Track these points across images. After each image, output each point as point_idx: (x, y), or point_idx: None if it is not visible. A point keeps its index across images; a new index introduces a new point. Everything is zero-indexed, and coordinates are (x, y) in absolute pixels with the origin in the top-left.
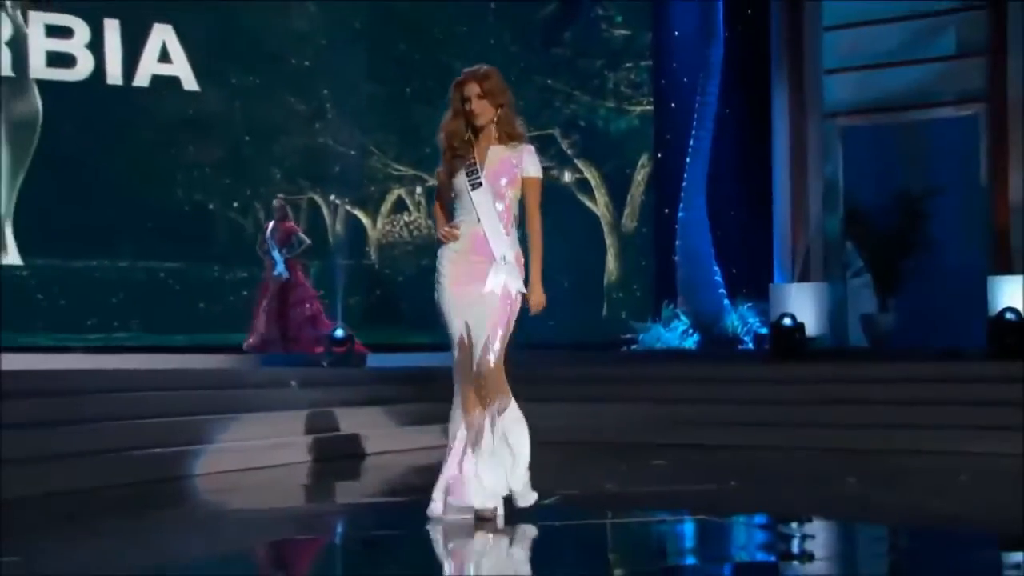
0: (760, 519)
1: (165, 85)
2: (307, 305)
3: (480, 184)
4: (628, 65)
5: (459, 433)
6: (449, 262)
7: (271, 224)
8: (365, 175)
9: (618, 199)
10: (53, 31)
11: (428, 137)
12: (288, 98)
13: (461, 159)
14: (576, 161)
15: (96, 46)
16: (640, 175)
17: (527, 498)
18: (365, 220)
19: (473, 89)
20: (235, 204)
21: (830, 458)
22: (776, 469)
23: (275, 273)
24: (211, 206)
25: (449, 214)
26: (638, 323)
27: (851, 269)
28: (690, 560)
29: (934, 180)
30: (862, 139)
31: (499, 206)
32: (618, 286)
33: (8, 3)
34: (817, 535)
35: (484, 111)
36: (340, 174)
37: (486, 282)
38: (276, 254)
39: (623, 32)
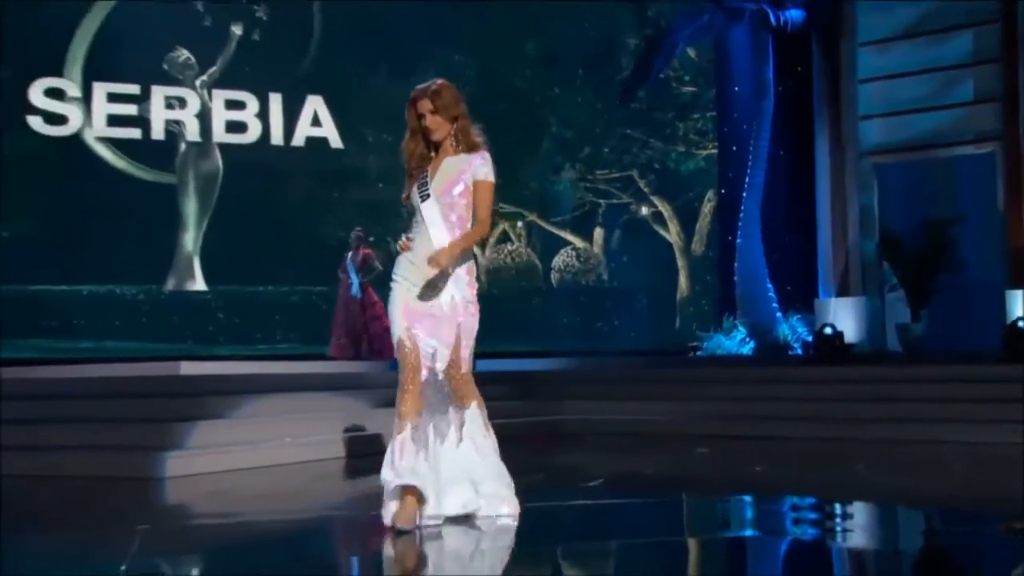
0: (772, 498)
1: (316, 145)
2: (382, 319)
3: (428, 196)
4: (695, 116)
5: (396, 440)
6: (403, 270)
7: (351, 251)
8: None
9: (688, 228)
10: (230, 104)
11: (526, 180)
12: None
13: (419, 173)
14: (652, 198)
15: (263, 115)
16: (707, 208)
17: (498, 508)
18: (476, 249)
19: (425, 106)
20: (371, 239)
21: (861, 448)
22: (809, 456)
23: (351, 293)
24: (350, 240)
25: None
26: (703, 332)
27: (887, 285)
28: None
29: (957, 209)
30: (894, 174)
31: (452, 216)
32: (688, 301)
33: (197, 83)
34: (838, 512)
35: (439, 126)
36: None
37: (437, 295)
38: (354, 276)
39: (690, 89)
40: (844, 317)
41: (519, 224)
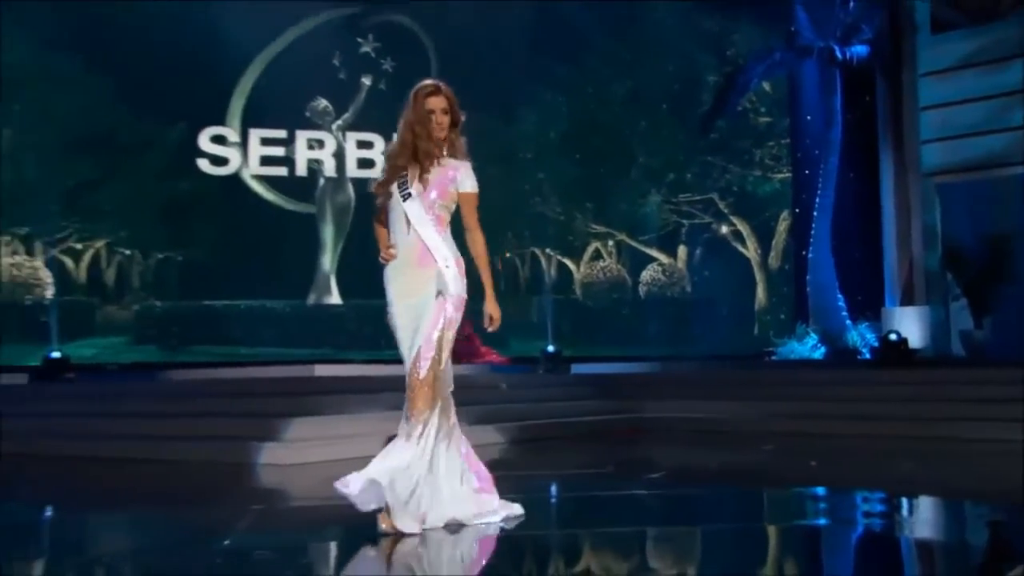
0: (813, 489)
1: None
2: (464, 327)
3: (409, 195)
4: (770, 144)
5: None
6: (392, 280)
7: None
8: (571, 233)
9: (764, 245)
10: (361, 144)
11: (617, 204)
12: (516, 180)
13: (402, 172)
14: (731, 217)
15: None
16: (782, 226)
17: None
18: (571, 266)
19: (441, 103)
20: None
21: (918, 445)
22: (866, 453)
23: None
24: (463, 259)
25: (389, 230)
26: (778, 339)
27: (951, 295)
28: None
29: (1016, 224)
30: (955, 193)
31: (430, 216)
32: (765, 311)
33: (334, 127)
34: (877, 504)
35: (445, 127)
36: (553, 233)
37: (431, 289)
38: None
39: (766, 119)
40: (909, 324)
41: (610, 243)
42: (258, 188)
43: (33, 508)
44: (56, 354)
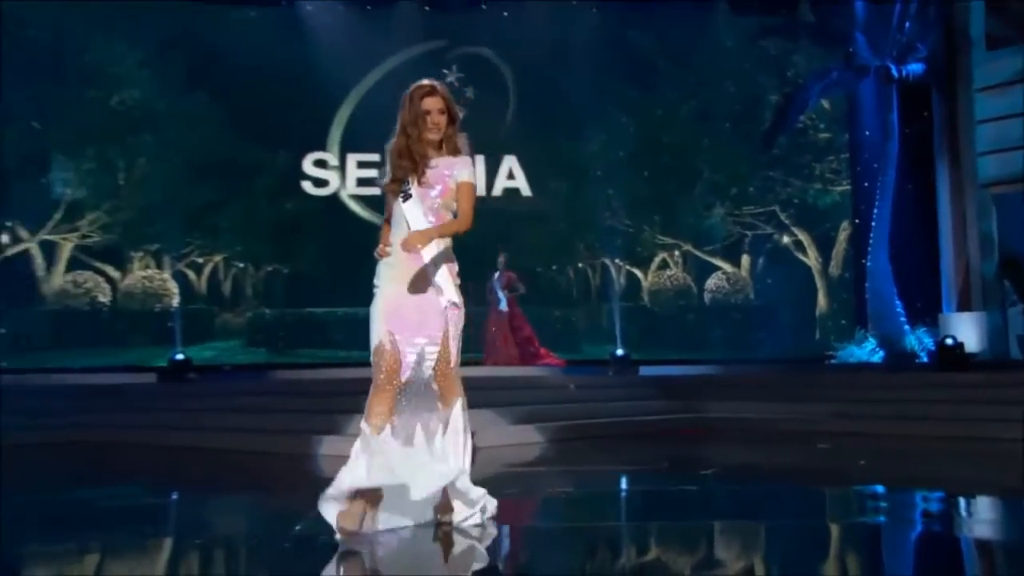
0: (855, 487)
1: (511, 194)
2: (524, 330)
3: (409, 196)
4: (830, 158)
5: (377, 439)
6: (385, 277)
7: (497, 273)
8: (639, 244)
9: (825, 254)
10: None
11: (683, 217)
12: (587, 195)
13: (404, 172)
14: (793, 228)
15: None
16: (842, 236)
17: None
18: (639, 275)
19: (438, 104)
20: (553, 267)
21: (971, 445)
22: (916, 453)
23: (499, 308)
24: (538, 268)
25: (391, 229)
26: (838, 343)
27: (1008, 301)
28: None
29: None
30: (1011, 203)
31: (431, 218)
32: (826, 317)
33: None
34: (914, 502)
35: (442, 127)
36: (622, 244)
37: (421, 293)
38: (500, 294)
39: (825, 135)
40: (966, 329)
41: (676, 253)
42: (354, 207)
43: (152, 492)
44: (180, 356)
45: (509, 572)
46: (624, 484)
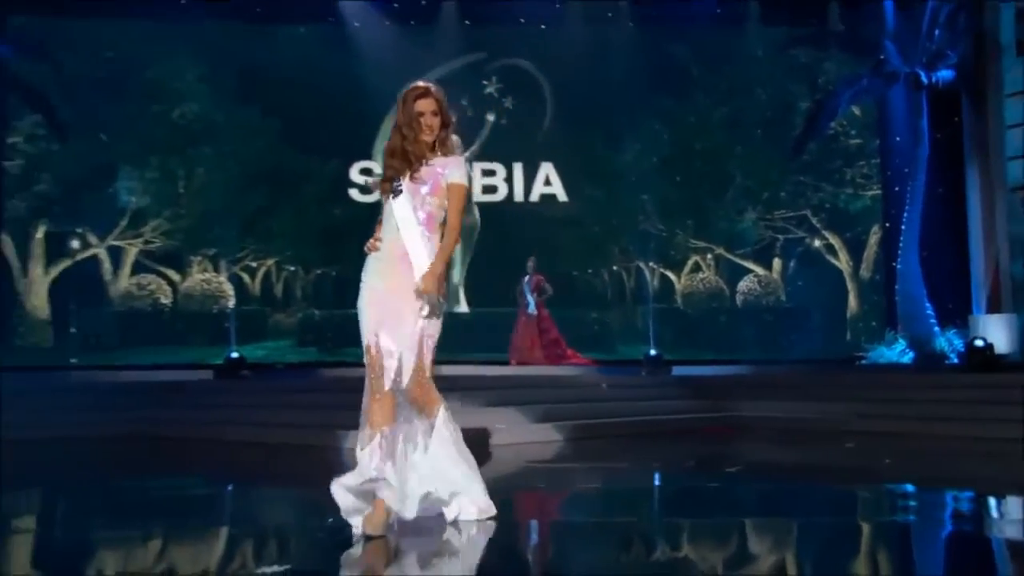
0: (874, 485)
1: (547, 200)
2: (551, 332)
3: (399, 192)
4: (861, 163)
5: (367, 448)
6: (371, 271)
7: (527, 276)
8: (672, 248)
9: (856, 257)
10: (485, 172)
11: (715, 221)
12: (622, 200)
13: (397, 172)
14: (824, 232)
15: (509, 179)
16: (873, 239)
17: (468, 510)
18: (673, 277)
19: (431, 105)
20: (589, 270)
21: (1000, 446)
22: (941, 452)
23: (528, 311)
24: (574, 272)
25: (383, 226)
26: (868, 344)
27: None
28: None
29: None
30: None
31: (420, 215)
32: (857, 318)
33: (463, 156)
34: (934, 500)
35: (435, 128)
36: (656, 247)
37: (404, 292)
38: (529, 297)
39: (856, 141)
40: (995, 331)
41: (709, 256)
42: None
43: (208, 483)
44: (235, 354)
45: (535, 565)
46: (648, 481)
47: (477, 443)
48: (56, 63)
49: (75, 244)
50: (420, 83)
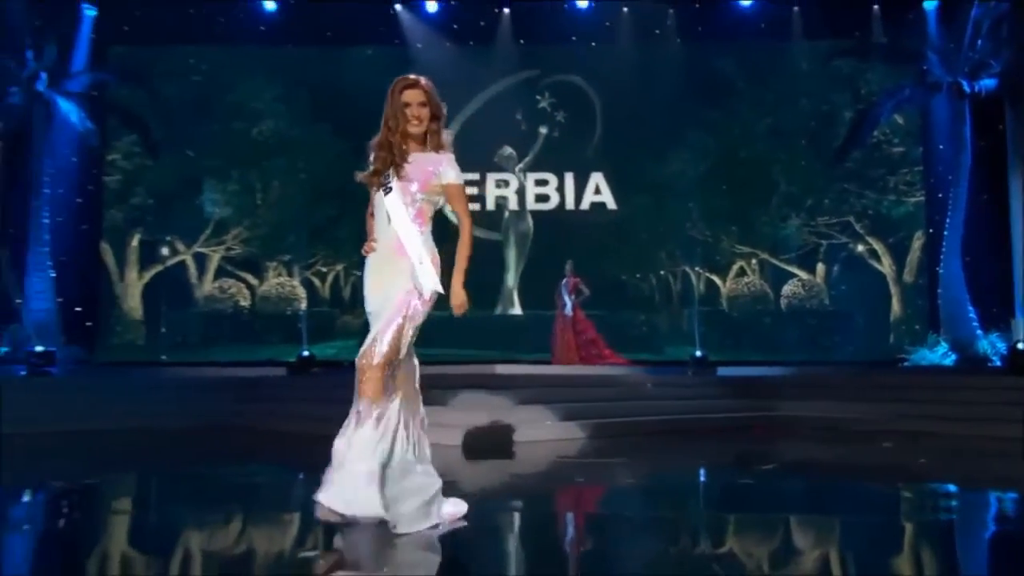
0: (906, 484)
1: (597, 208)
2: (588, 332)
3: (390, 189)
4: (904, 171)
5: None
6: (370, 272)
7: (564, 279)
8: (718, 253)
9: (899, 261)
10: (538, 182)
11: (760, 227)
12: (669, 208)
13: (382, 164)
14: (867, 238)
15: (560, 189)
16: (916, 244)
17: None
18: (718, 281)
19: (417, 96)
20: (636, 275)
21: None
22: (977, 452)
23: (565, 312)
24: (623, 276)
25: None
26: (911, 347)
27: None
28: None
29: None
30: None
31: (411, 211)
32: (900, 321)
33: (516, 169)
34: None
35: (423, 119)
36: (702, 253)
37: (404, 282)
38: (566, 298)
39: (899, 149)
40: None
41: (753, 261)
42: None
43: (280, 473)
44: (306, 353)
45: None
46: (682, 477)
47: (502, 440)
48: (150, 87)
49: (165, 251)
50: (411, 76)
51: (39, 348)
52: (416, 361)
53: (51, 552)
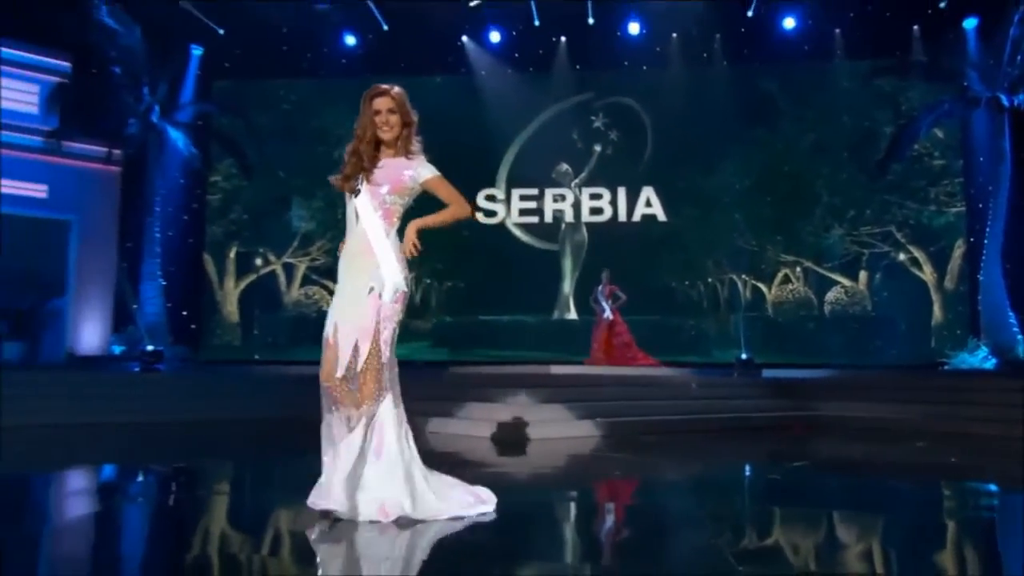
0: (934, 480)
1: (648, 220)
2: (624, 336)
3: (359, 192)
4: (945, 182)
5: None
6: (341, 270)
7: (600, 285)
8: (763, 262)
9: (940, 269)
10: (593, 196)
11: (804, 237)
12: (716, 219)
13: (352, 169)
14: (909, 246)
15: (613, 202)
16: (957, 253)
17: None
18: (764, 289)
19: (386, 104)
20: (686, 283)
21: None
22: (1010, 451)
23: (604, 316)
24: (673, 284)
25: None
26: (951, 351)
27: None
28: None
29: None
30: None
31: (379, 212)
32: (942, 327)
33: (572, 184)
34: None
35: (393, 126)
36: (748, 261)
37: (365, 281)
38: (604, 304)
39: (940, 162)
40: None
41: (798, 269)
42: (517, 233)
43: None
44: None
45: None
46: (717, 473)
47: (517, 437)
48: (247, 116)
49: (258, 262)
50: (378, 85)
51: (150, 347)
52: (395, 361)
53: (163, 526)
